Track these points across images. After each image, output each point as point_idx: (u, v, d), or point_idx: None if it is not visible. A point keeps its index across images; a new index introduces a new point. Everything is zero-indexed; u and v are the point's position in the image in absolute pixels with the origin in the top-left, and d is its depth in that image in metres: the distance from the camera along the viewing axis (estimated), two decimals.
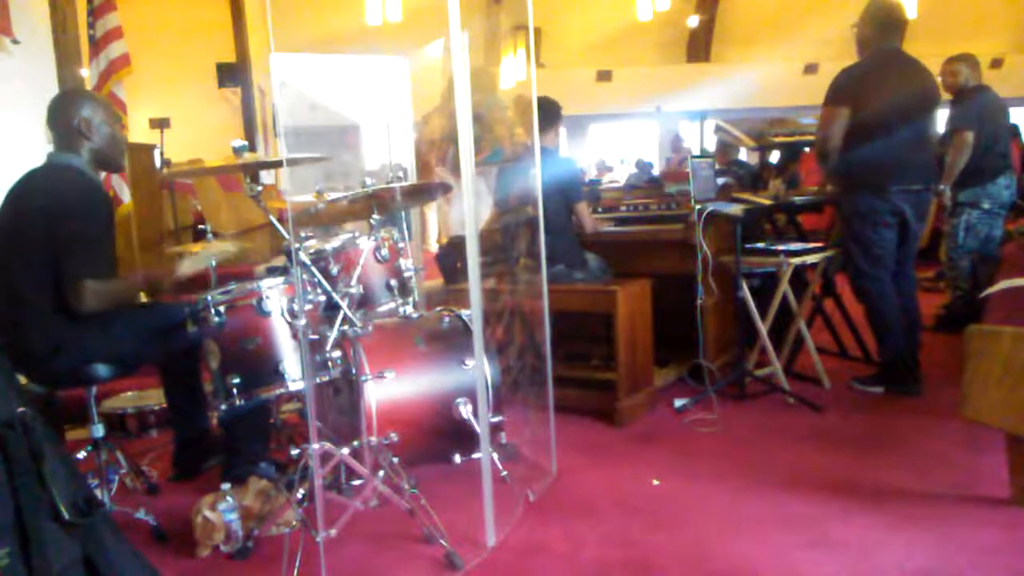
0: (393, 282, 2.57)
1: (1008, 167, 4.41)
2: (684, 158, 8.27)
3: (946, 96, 4.38)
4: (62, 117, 2.47)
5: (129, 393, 3.62)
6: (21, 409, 1.50)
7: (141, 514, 2.38)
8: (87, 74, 4.55)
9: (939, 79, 4.01)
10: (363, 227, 2.55)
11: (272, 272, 2.82)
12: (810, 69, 13.45)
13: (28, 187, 2.43)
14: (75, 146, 2.48)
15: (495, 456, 2.48)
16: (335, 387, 2.61)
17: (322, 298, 2.32)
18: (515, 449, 2.83)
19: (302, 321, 2.05)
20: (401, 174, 2.42)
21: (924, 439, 2.89)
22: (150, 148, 5.54)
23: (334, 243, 2.54)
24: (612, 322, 3.19)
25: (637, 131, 15.97)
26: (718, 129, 6.01)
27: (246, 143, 2.18)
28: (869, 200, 3.30)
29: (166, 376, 2.80)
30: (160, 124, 6.50)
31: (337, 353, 2.28)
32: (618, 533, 2.27)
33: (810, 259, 3.52)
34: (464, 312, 2.70)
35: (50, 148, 2.53)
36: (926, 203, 3.42)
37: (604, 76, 14.32)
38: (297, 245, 2.20)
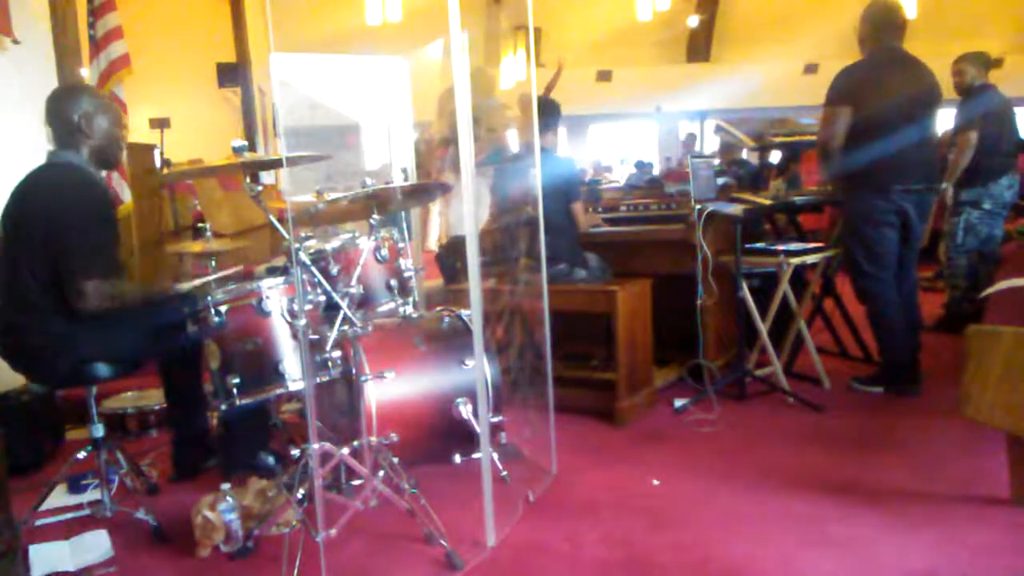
0: (393, 282, 2.57)
1: (1012, 167, 4.40)
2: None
3: (955, 96, 4.39)
4: (62, 113, 2.46)
5: (129, 393, 3.62)
6: None
7: (141, 514, 2.38)
8: (87, 74, 4.54)
9: (945, 78, 4.00)
10: (363, 227, 2.54)
11: (272, 272, 2.82)
12: (810, 69, 13.44)
13: (31, 187, 2.42)
14: (75, 143, 2.47)
15: (495, 456, 2.48)
16: (335, 387, 2.61)
17: (322, 298, 2.32)
18: (515, 449, 2.83)
19: (302, 321, 2.05)
20: (402, 174, 2.42)
21: (924, 439, 2.89)
22: (150, 148, 5.54)
23: (334, 243, 2.54)
24: (612, 322, 3.19)
25: (637, 131, 15.98)
26: (719, 129, 6.02)
27: (246, 143, 2.18)
28: (872, 200, 3.30)
29: (166, 376, 2.80)
30: (160, 124, 6.51)
31: (337, 353, 2.28)
32: (618, 533, 2.26)
33: (810, 259, 3.52)
34: (464, 312, 2.70)
35: (51, 148, 2.53)
36: (929, 203, 3.42)
37: (604, 76, 14.31)
38: (297, 245, 2.20)
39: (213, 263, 2.89)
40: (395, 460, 2.35)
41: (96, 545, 2.32)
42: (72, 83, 4.01)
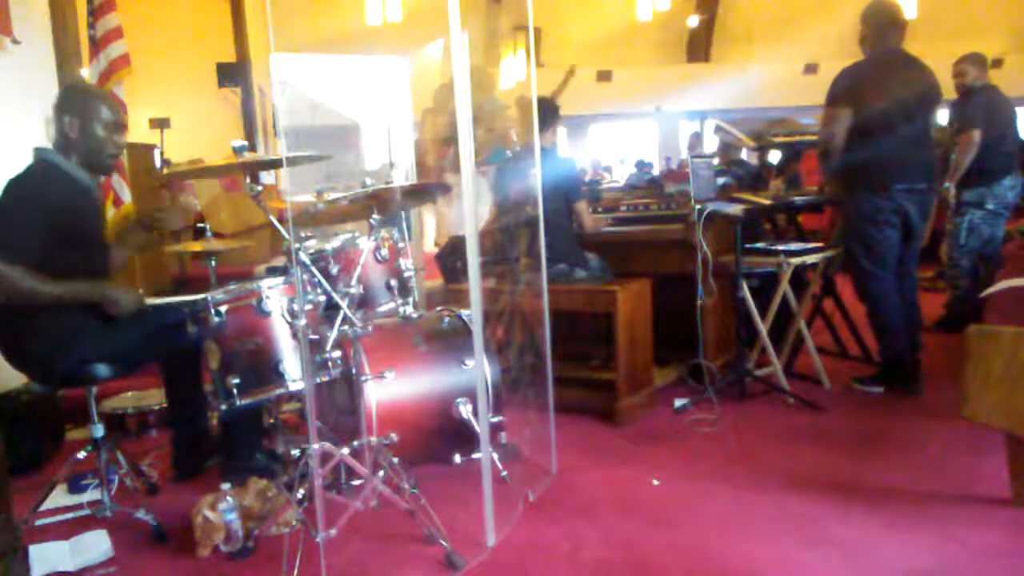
0: (393, 282, 2.57)
1: (1015, 167, 4.40)
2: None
3: (955, 97, 4.40)
4: (56, 116, 2.47)
5: (129, 393, 3.62)
6: None
7: (141, 514, 2.38)
8: (87, 74, 4.54)
9: (945, 79, 3.99)
10: (363, 227, 2.55)
11: (272, 272, 2.82)
12: (810, 69, 13.46)
13: None
14: (64, 145, 2.48)
15: (495, 456, 2.48)
16: (335, 387, 2.61)
17: (322, 298, 2.32)
18: (515, 449, 2.83)
19: (302, 321, 2.05)
20: (395, 172, 2.42)
21: (924, 439, 2.89)
22: (150, 148, 5.54)
23: (334, 243, 2.54)
24: (612, 322, 3.19)
25: (637, 131, 15.99)
26: (718, 129, 6.01)
27: (246, 143, 2.18)
28: (872, 199, 3.30)
29: (166, 376, 2.80)
30: (160, 124, 6.50)
31: (337, 353, 2.28)
32: (618, 533, 2.27)
33: (810, 259, 3.52)
34: (464, 312, 2.70)
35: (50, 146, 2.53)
36: (930, 203, 3.42)
37: (604, 76, 14.33)
38: (297, 245, 2.20)
39: (213, 263, 2.90)
40: (395, 460, 2.35)
41: (96, 545, 2.32)
42: (73, 84, 4.00)
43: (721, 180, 4.14)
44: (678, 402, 3.39)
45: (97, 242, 2.59)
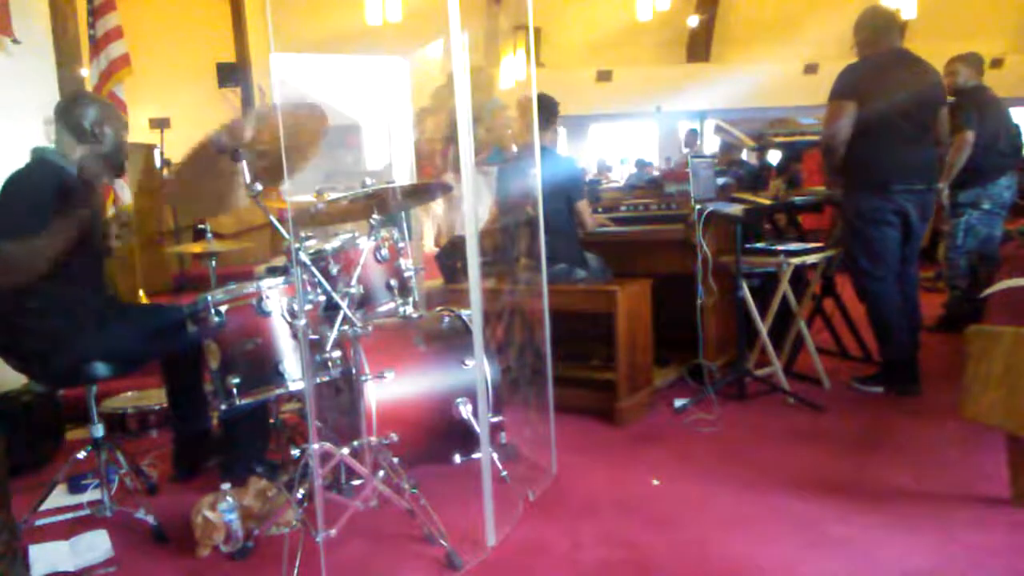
0: (393, 282, 2.57)
1: (1010, 167, 4.40)
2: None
3: (950, 97, 4.39)
4: (76, 116, 2.46)
5: (129, 393, 3.63)
6: None
7: (141, 514, 2.38)
8: (87, 74, 4.55)
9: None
10: (363, 227, 2.55)
11: (272, 272, 2.82)
12: (810, 69, 13.45)
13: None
14: (78, 144, 2.46)
15: (495, 456, 2.48)
16: (335, 387, 2.61)
17: (322, 298, 2.32)
18: (515, 449, 2.83)
19: (302, 321, 2.05)
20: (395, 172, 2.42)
21: (924, 439, 2.89)
22: (150, 148, 5.54)
23: (334, 243, 2.54)
24: (612, 322, 3.19)
25: (637, 131, 15.98)
26: (718, 129, 6.01)
27: None
28: (871, 199, 3.30)
29: (167, 376, 2.80)
30: (160, 124, 6.51)
31: (337, 353, 2.28)
32: (618, 533, 2.27)
33: (810, 259, 3.52)
34: (464, 312, 2.70)
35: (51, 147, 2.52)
36: (929, 203, 3.42)
37: (604, 76, 14.32)
38: (297, 245, 2.20)
39: (213, 263, 2.90)
40: (395, 460, 2.35)
41: (96, 545, 2.32)
42: (82, 91, 4.02)
43: (721, 180, 4.14)
44: (678, 402, 3.39)
45: (95, 234, 2.53)
